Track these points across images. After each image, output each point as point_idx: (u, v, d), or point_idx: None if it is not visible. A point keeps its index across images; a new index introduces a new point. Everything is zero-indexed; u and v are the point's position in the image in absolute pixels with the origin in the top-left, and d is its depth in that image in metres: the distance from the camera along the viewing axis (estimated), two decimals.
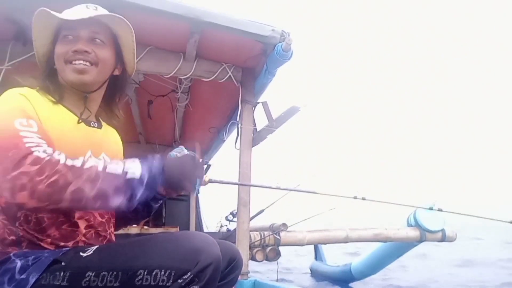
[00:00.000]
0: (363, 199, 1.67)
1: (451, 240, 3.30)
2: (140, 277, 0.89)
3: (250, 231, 2.60)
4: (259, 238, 2.89)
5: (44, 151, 0.88)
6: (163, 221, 4.18)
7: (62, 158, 0.88)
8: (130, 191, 0.91)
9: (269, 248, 2.92)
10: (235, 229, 2.50)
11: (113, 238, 1.14)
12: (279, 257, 2.99)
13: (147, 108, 3.17)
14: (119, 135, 1.30)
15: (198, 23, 2.00)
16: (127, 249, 0.96)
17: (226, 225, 4.83)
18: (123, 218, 1.23)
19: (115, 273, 0.91)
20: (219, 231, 4.94)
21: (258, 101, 2.56)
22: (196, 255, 0.91)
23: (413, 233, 3.24)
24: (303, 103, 2.59)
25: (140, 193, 0.92)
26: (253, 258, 2.86)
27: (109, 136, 1.23)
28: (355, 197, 1.67)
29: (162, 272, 0.89)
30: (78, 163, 0.89)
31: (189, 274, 0.89)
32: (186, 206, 4.43)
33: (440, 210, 1.88)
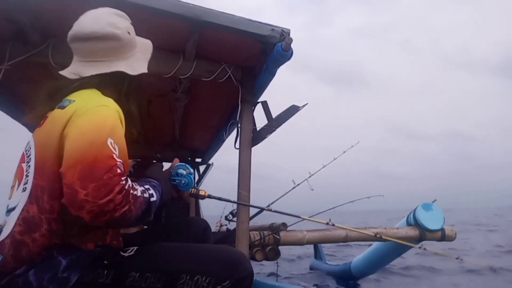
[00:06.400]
0: (333, 225, 2.37)
1: (451, 239, 3.30)
2: (182, 281, 0.98)
3: (250, 230, 2.60)
4: (258, 237, 2.89)
5: (126, 180, 0.93)
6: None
7: (129, 186, 0.94)
8: (150, 213, 1.00)
9: (269, 247, 2.92)
10: (234, 229, 2.49)
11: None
12: (278, 257, 3.00)
13: (146, 107, 3.16)
14: None
15: (198, 23, 1.99)
16: (170, 253, 1.04)
17: (226, 225, 4.84)
18: None
19: (158, 275, 0.98)
20: (218, 230, 4.94)
21: (258, 100, 2.56)
22: (235, 266, 1.02)
23: (413, 232, 3.24)
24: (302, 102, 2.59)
25: (152, 213, 1.01)
26: (252, 257, 2.86)
27: None
28: (327, 223, 2.30)
29: (203, 278, 0.98)
30: (134, 191, 0.95)
31: (227, 282, 0.99)
32: (186, 205, 4.42)
33: None
